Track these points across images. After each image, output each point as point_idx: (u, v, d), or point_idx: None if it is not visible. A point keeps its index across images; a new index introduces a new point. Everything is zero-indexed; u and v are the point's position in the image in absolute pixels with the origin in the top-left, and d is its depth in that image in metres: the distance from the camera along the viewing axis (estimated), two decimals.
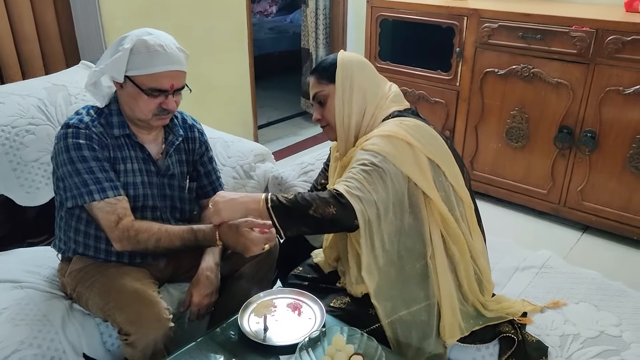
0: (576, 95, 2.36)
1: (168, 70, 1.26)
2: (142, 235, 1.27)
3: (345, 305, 1.28)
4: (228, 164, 1.79)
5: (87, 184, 1.26)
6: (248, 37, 3.15)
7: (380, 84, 1.36)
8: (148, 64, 1.25)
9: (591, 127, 2.37)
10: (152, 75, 1.25)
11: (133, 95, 1.29)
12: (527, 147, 2.58)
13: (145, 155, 1.38)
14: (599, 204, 2.45)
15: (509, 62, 2.51)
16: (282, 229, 1.15)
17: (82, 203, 1.28)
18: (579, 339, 1.28)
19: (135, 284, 1.28)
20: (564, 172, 2.51)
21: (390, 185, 1.18)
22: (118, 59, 1.24)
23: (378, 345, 1.06)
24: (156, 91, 1.27)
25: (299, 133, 4.01)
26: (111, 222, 1.27)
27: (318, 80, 1.34)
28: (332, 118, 1.32)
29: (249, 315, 1.19)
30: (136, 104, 1.29)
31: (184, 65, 1.31)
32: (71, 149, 1.26)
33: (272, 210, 1.14)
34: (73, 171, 1.26)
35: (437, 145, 1.26)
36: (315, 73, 1.35)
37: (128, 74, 1.26)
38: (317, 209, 1.12)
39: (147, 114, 1.30)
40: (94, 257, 1.36)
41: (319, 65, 1.36)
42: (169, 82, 1.27)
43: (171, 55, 1.27)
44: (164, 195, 1.42)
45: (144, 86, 1.27)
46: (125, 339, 1.21)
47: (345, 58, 1.33)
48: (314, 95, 1.36)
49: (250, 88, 3.30)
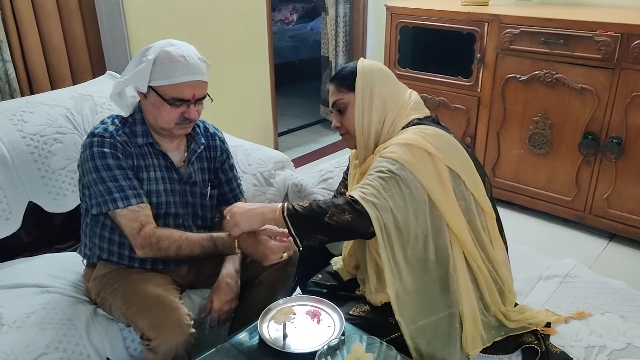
0: (601, 101, 2.32)
1: (190, 80, 1.29)
2: (164, 242, 1.30)
3: (365, 313, 1.28)
4: (248, 171, 1.81)
5: (111, 192, 1.29)
6: (268, 46, 3.19)
7: (401, 92, 1.35)
8: (170, 74, 1.27)
9: (617, 133, 2.31)
10: (174, 85, 1.28)
11: (156, 104, 1.31)
12: (550, 153, 2.54)
13: (168, 164, 1.41)
14: (625, 211, 2.38)
15: (531, 68, 2.48)
16: (299, 238, 1.15)
17: (106, 210, 1.31)
18: (605, 350, 1.25)
19: (157, 290, 1.30)
20: (589, 179, 2.45)
21: (407, 193, 1.17)
22: (142, 70, 1.28)
23: (397, 354, 1.05)
24: (178, 101, 1.30)
25: (319, 140, 4.03)
26: (134, 229, 1.30)
27: (338, 88, 1.34)
28: (352, 126, 1.32)
29: (268, 322, 1.20)
30: (159, 114, 1.32)
31: (206, 75, 1.33)
32: (96, 157, 1.30)
33: (288, 218, 1.14)
34: (98, 179, 1.30)
35: (457, 154, 1.25)
36: (335, 81, 1.35)
37: (151, 85, 1.29)
38: (333, 216, 1.12)
39: (170, 123, 1.33)
40: (117, 263, 1.39)
41: (339, 73, 1.36)
42: (190, 92, 1.30)
43: (193, 66, 1.29)
44: (186, 203, 1.44)
45: (167, 96, 1.29)
46: (147, 344, 1.23)
47: (366, 66, 1.32)
48: (333, 102, 1.35)
49: (271, 96, 3.34)
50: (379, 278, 1.28)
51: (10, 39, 2.05)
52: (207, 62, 1.35)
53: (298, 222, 1.15)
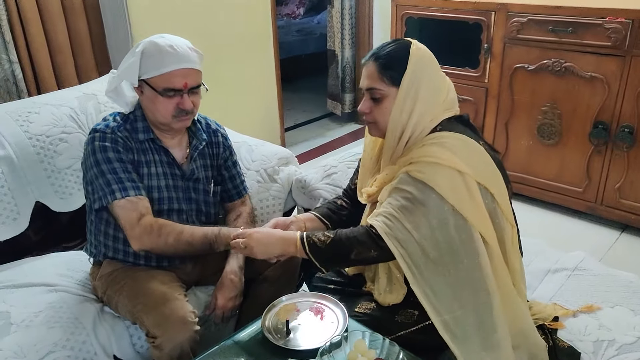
0: (612, 90, 2.27)
1: (179, 68, 1.29)
2: (165, 229, 1.29)
3: (371, 311, 1.26)
4: (252, 167, 1.81)
5: (110, 184, 1.30)
6: (273, 40, 3.18)
7: (442, 89, 1.21)
8: (159, 64, 1.28)
9: (628, 122, 2.26)
10: (163, 75, 1.29)
11: (151, 98, 1.32)
12: (560, 144, 2.50)
13: (169, 160, 1.41)
14: (638, 201, 2.34)
15: (540, 57, 2.44)
16: (323, 268, 1.17)
17: (106, 204, 1.31)
18: (615, 345, 1.23)
19: (162, 287, 1.31)
20: (601, 170, 2.41)
21: (435, 223, 1.09)
22: (131, 64, 1.30)
23: (400, 350, 1.05)
24: (170, 91, 1.30)
25: (326, 135, 4.02)
26: (133, 218, 1.29)
27: (380, 75, 1.17)
28: (384, 122, 1.20)
29: (271, 319, 1.20)
30: (155, 107, 1.33)
31: (197, 64, 1.33)
32: (97, 151, 1.31)
33: (311, 254, 1.15)
34: (98, 173, 1.31)
35: (485, 166, 1.17)
36: (378, 62, 1.18)
37: (143, 78, 1.31)
38: (359, 254, 1.12)
39: (167, 116, 1.33)
40: (123, 261, 1.40)
41: (385, 55, 1.19)
42: (181, 80, 1.30)
43: (181, 54, 1.30)
44: (189, 199, 1.45)
45: (159, 87, 1.30)
46: (153, 341, 1.24)
47: (418, 59, 1.17)
48: (369, 87, 1.20)
49: (277, 91, 3.33)
50: (390, 281, 1.26)
51: (17, 40, 2.07)
52: (199, 52, 1.35)
53: (322, 257, 1.15)
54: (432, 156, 1.13)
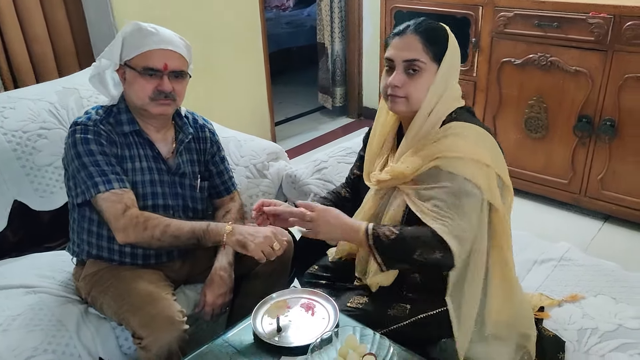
0: (595, 84, 2.30)
1: (160, 48, 1.28)
2: (151, 222, 1.26)
3: (363, 305, 1.26)
4: (241, 163, 1.80)
5: (93, 177, 1.26)
6: (262, 33, 3.15)
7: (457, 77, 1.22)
8: (140, 44, 1.28)
9: (610, 115, 2.30)
10: (144, 54, 1.28)
11: (131, 80, 1.31)
12: (546, 137, 2.53)
13: (155, 154, 1.39)
14: (619, 192, 2.39)
15: (526, 52, 2.46)
16: (384, 265, 1.16)
17: (89, 197, 1.28)
18: (597, 332, 1.26)
19: (148, 287, 1.29)
20: (584, 162, 2.45)
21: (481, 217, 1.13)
22: (113, 44, 1.30)
23: (390, 344, 1.06)
24: (150, 70, 1.29)
25: (318, 128, 4.01)
26: (117, 210, 1.25)
27: (425, 48, 1.14)
28: (418, 98, 1.16)
29: (262, 316, 1.20)
30: (133, 90, 1.31)
31: (181, 49, 1.32)
32: (78, 143, 1.28)
33: (375, 246, 1.14)
34: (80, 166, 1.28)
35: (501, 158, 1.21)
36: (422, 35, 1.15)
37: (125, 60, 1.30)
38: (422, 254, 1.12)
39: (144, 98, 1.31)
40: (108, 260, 1.37)
41: (426, 28, 1.16)
42: (161, 60, 1.28)
43: (164, 36, 1.29)
44: (175, 194, 1.43)
45: (138, 67, 1.29)
46: (139, 342, 1.21)
47: (454, 42, 1.17)
48: (408, 59, 1.15)
49: (266, 85, 3.31)
50: None
51: None
52: (187, 41, 1.34)
53: (385, 252, 1.14)
54: (461, 150, 1.13)
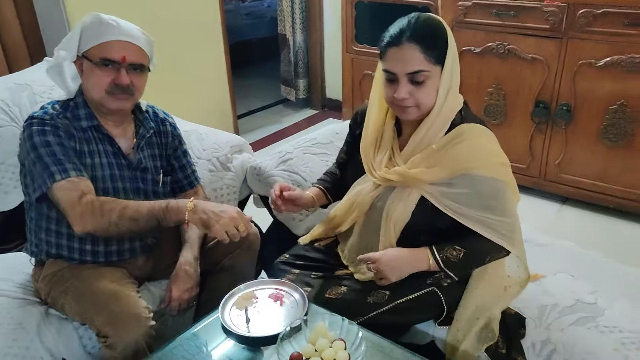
0: (551, 70, 2.38)
1: (118, 39, 1.25)
2: (107, 205, 1.21)
3: (342, 295, 1.25)
4: (203, 156, 1.76)
5: (49, 167, 1.21)
6: (221, 24, 3.10)
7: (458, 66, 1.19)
8: (99, 35, 1.24)
9: (566, 100, 2.38)
10: (102, 44, 1.25)
11: (88, 72, 1.27)
12: (505, 123, 2.60)
13: (115, 149, 1.35)
14: (576, 175, 2.49)
15: (485, 40, 2.51)
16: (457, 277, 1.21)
17: (46, 190, 1.23)
18: (557, 308, 1.31)
19: (112, 285, 1.26)
20: (542, 147, 2.53)
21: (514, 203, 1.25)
22: (72, 35, 1.25)
23: (359, 329, 1.06)
24: (107, 61, 1.25)
25: (281, 121, 3.99)
26: (73, 197, 1.21)
27: (426, 57, 1.10)
28: (429, 103, 1.15)
29: (230, 308, 1.19)
30: (90, 82, 1.28)
31: (140, 42, 1.28)
32: (35, 134, 1.23)
33: (448, 269, 1.19)
34: (36, 157, 1.23)
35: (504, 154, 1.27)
36: (420, 43, 1.10)
37: (82, 51, 1.26)
38: (492, 258, 1.22)
39: (100, 91, 1.27)
40: (68, 259, 1.33)
41: (422, 32, 1.11)
42: (119, 52, 1.25)
43: (123, 28, 1.26)
44: (137, 190, 1.39)
45: (95, 58, 1.25)
46: (104, 341, 1.19)
47: (452, 36, 1.14)
48: (413, 72, 1.11)
49: (227, 77, 3.26)
50: None
51: None
52: (148, 36, 1.31)
53: (458, 269, 1.20)
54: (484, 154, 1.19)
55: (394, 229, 1.23)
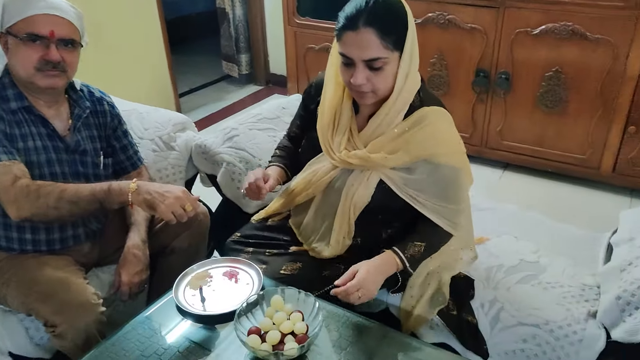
0: (489, 39, 2.45)
1: (45, 12, 1.16)
2: (44, 189, 1.15)
3: (297, 271, 1.25)
4: (145, 136, 1.69)
5: None
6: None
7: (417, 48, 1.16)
8: (23, 8, 1.16)
9: (505, 69, 2.47)
10: (27, 19, 1.16)
11: (13, 49, 1.19)
12: (448, 93, 2.66)
13: (49, 131, 1.27)
14: (516, 141, 2.60)
15: (426, 10, 2.54)
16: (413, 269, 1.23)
17: None
18: (502, 268, 1.38)
19: (57, 273, 1.20)
20: (484, 115, 2.62)
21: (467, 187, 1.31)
22: None
23: (315, 300, 1.07)
24: (33, 37, 1.17)
25: (225, 98, 3.88)
26: (6, 182, 1.14)
27: (383, 43, 1.06)
28: (386, 89, 1.13)
29: (184, 288, 1.16)
30: (17, 59, 1.19)
31: (70, 16, 1.20)
32: None
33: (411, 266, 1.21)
34: None
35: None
36: (377, 27, 1.05)
37: (6, 27, 1.17)
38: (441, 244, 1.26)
39: (29, 68, 1.19)
40: (6, 249, 1.26)
41: (380, 15, 1.05)
42: (47, 26, 1.17)
43: (50, 1, 1.17)
44: (76, 173, 1.32)
45: (21, 33, 1.17)
46: (53, 330, 1.15)
47: (411, 16, 1.10)
48: (371, 59, 1.07)
49: (165, 54, 3.12)
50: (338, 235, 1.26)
51: None
52: (78, 10, 1.23)
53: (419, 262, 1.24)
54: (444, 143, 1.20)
55: (353, 210, 1.23)
